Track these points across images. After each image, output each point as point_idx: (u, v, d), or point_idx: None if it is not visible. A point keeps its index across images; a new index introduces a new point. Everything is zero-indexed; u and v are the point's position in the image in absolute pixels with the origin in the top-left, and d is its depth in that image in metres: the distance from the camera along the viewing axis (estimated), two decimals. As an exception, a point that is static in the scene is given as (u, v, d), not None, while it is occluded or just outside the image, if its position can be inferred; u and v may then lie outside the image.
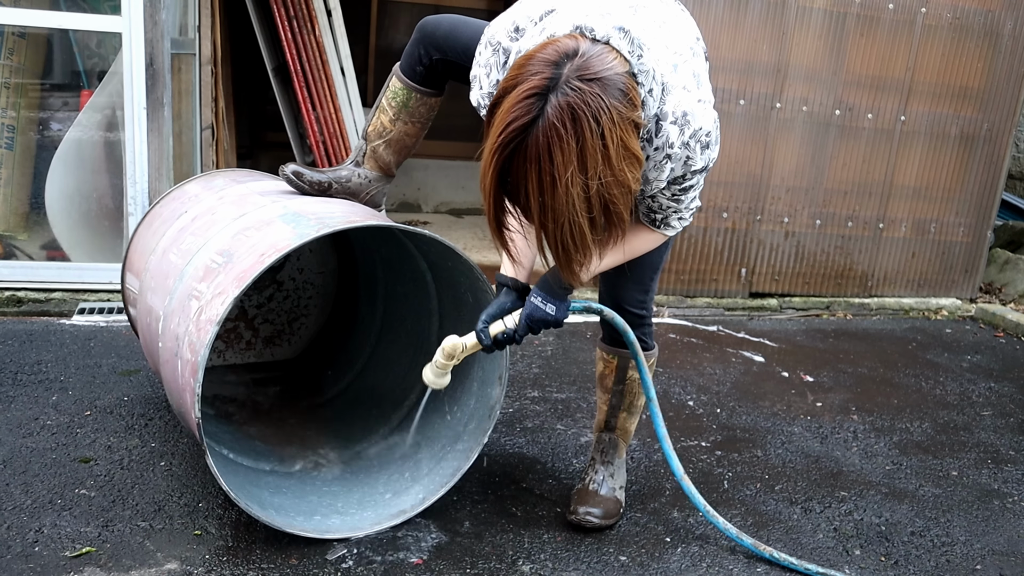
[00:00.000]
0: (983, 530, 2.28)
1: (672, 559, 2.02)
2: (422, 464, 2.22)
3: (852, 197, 4.21)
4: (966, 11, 4.09)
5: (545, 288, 1.78)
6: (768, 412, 2.93)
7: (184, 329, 1.89)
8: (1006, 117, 4.29)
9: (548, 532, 2.09)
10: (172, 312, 1.98)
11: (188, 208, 2.31)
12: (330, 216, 2.01)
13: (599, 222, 1.47)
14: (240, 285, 1.80)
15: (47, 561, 1.81)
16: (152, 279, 2.21)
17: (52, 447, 2.28)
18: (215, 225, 2.12)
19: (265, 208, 2.11)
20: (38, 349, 2.91)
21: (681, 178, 1.75)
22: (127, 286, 2.52)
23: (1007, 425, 2.99)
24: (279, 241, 1.88)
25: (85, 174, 3.49)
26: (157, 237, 2.31)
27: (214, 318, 1.78)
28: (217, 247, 2.00)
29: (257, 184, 2.40)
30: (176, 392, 1.94)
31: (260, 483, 2.11)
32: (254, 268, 1.82)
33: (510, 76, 1.46)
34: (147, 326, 2.23)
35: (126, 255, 2.55)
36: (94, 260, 3.48)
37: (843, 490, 2.43)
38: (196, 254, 2.04)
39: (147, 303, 2.22)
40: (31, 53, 3.53)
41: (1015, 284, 4.60)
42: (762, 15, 3.84)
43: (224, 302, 1.79)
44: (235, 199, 2.25)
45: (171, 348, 1.95)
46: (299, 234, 1.88)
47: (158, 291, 2.13)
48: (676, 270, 4.05)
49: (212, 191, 2.37)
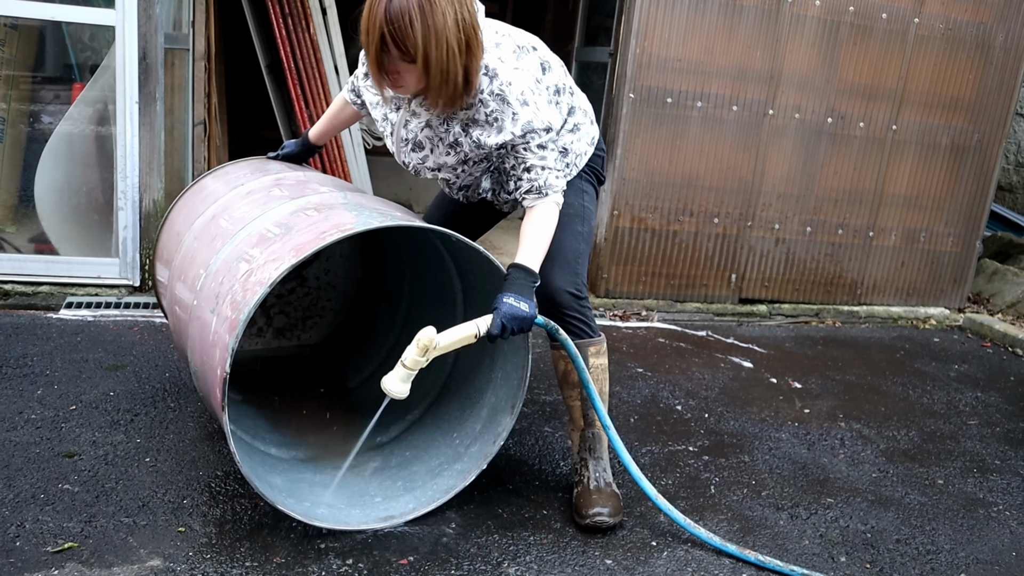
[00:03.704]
0: (968, 538, 2.29)
1: (658, 563, 2.02)
2: (417, 477, 2.21)
3: (843, 205, 4.22)
4: (958, 22, 4.11)
5: (515, 288, 1.90)
6: (756, 418, 2.93)
7: (228, 288, 1.87)
8: (996, 128, 4.31)
9: (534, 534, 2.08)
10: (216, 272, 1.96)
11: (244, 182, 2.32)
12: (391, 214, 2.04)
13: (464, 52, 1.83)
14: (298, 255, 1.79)
15: (28, 556, 1.79)
16: (196, 240, 2.19)
17: (36, 441, 2.26)
18: (272, 201, 2.12)
19: (326, 195, 2.13)
20: (24, 343, 2.88)
21: (531, 134, 1.97)
22: (161, 246, 2.49)
23: (993, 435, 3.00)
24: (343, 223, 1.88)
25: (75, 168, 3.47)
26: (209, 202, 2.30)
27: (265, 280, 1.77)
28: (275, 219, 2.00)
29: (314, 174, 2.44)
30: (201, 348, 1.91)
31: (255, 459, 2.09)
32: (314, 243, 1.81)
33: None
34: (183, 282, 2.20)
35: (170, 212, 2.54)
36: (83, 254, 3.46)
37: (829, 497, 2.43)
38: (250, 223, 2.04)
39: (186, 262, 2.20)
40: (23, 45, 3.51)
41: (1003, 295, 4.63)
42: (756, 22, 3.85)
43: (279, 268, 1.78)
44: (294, 183, 2.27)
45: (207, 305, 1.92)
46: (362, 221, 1.90)
47: (200, 252, 2.12)
48: (666, 274, 4.06)
49: (268, 174, 2.37)
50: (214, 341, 1.84)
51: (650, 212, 3.96)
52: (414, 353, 1.78)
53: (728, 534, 2.18)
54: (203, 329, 1.91)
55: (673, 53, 3.78)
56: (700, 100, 3.88)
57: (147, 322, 3.19)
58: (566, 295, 2.12)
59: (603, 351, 2.21)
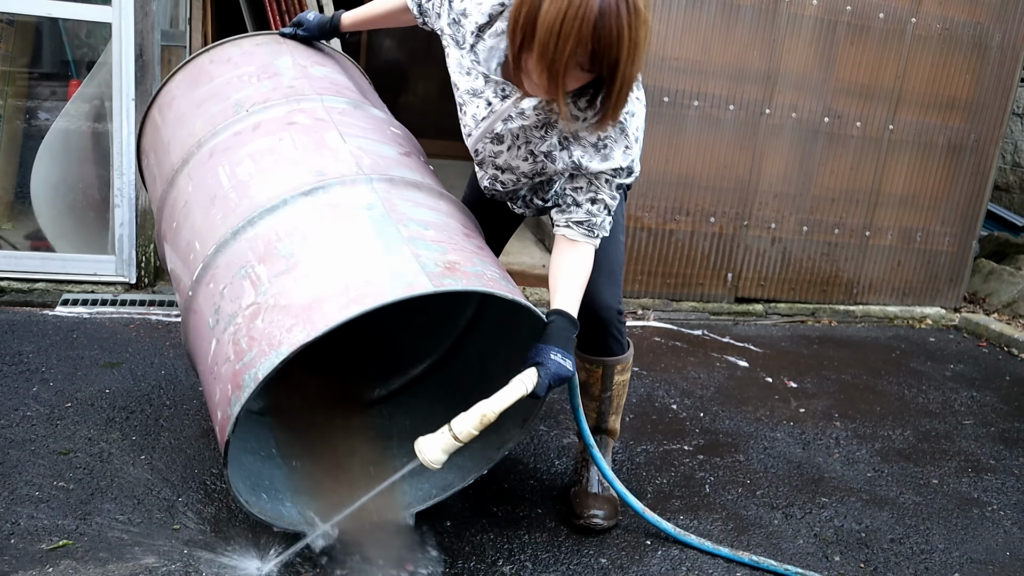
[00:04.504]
0: (962, 538, 2.30)
1: (652, 562, 2.02)
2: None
3: (839, 204, 4.23)
4: (956, 22, 4.11)
5: (560, 342, 1.74)
6: (751, 417, 2.94)
7: (230, 312, 1.63)
8: (993, 128, 4.32)
9: (528, 533, 2.09)
10: (214, 267, 1.72)
11: (251, 99, 1.95)
12: (438, 244, 1.68)
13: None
14: (310, 330, 1.50)
15: (22, 553, 1.80)
16: (190, 181, 1.89)
17: (31, 438, 2.26)
18: (281, 163, 1.79)
19: (345, 166, 1.78)
20: (20, 339, 2.88)
21: (623, 171, 1.84)
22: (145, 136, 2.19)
23: (988, 434, 3.01)
24: (358, 283, 1.55)
25: (72, 164, 3.47)
26: (206, 119, 1.95)
27: (273, 346, 1.51)
28: (285, 218, 1.70)
29: (333, 103, 2.01)
30: (200, 361, 1.73)
31: (260, 480, 1.98)
32: (334, 313, 1.50)
33: None
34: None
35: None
36: (79, 251, 3.45)
37: (824, 496, 2.44)
38: (256, 214, 1.71)
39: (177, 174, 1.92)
40: (20, 41, 3.50)
41: (999, 294, 4.63)
42: (753, 22, 3.85)
43: (289, 343, 1.50)
44: (311, 123, 1.89)
45: (206, 309, 1.70)
46: (392, 271, 1.56)
47: (195, 210, 1.83)
48: (663, 273, 4.06)
49: (279, 87, 1.99)
50: (215, 378, 1.63)
51: (646, 211, 3.96)
52: (471, 426, 1.61)
53: (723, 533, 2.18)
54: (202, 340, 1.73)
55: (670, 52, 3.78)
56: (697, 99, 3.88)
57: (143, 320, 3.18)
58: (613, 312, 2.04)
59: (629, 366, 2.17)
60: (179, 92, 2.15)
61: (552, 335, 1.74)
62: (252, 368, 1.53)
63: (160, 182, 2.03)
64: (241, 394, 1.53)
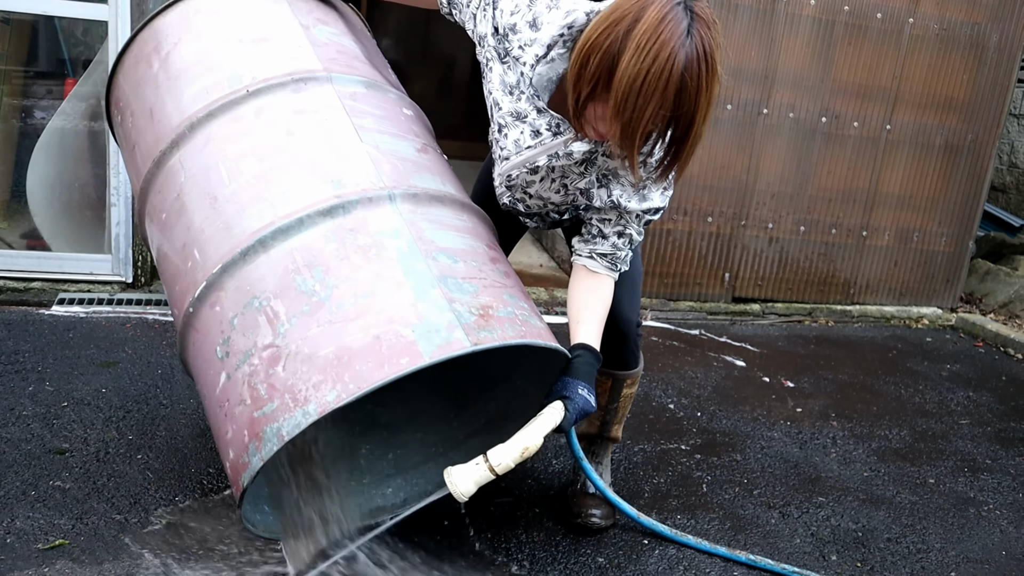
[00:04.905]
0: (958, 537, 2.30)
1: (649, 561, 2.02)
2: (409, 453, 2.02)
3: (836, 204, 4.23)
4: (953, 22, 4.12)
5: (586, 377, 1.73)
6: (748, 417, 2.94)
7: (243, 347, 1.52)
8: (990, 128, 4.32)
9: (526, 532, 2.08)
10: (224, 288, 1.58)
11: (255, 70, 1.75)
12: (469, 283, 1.59)
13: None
14: (344, 392, 1.41)
15: (19, 553, 1.79)
16: (183, 169, 1.72)
17: (27, 438, 2.25)
18: (290, 170, 1.63)
19: (362, 169, 1.64)
20: (16, 339, 2.87)
21: (656, 212, 1.82)
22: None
23: (984, 434, 3.01)
24: (390, 336, 1.45)
25: (68, 163, 3.46)
26: (199, 94, 1.75)
27: (298, 402, 1.42)
28: (303, 243, 1.54)
29: (340, 39, 1.87)
30: (206, 391, 1.62)
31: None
32: (367, 377, 1.41)
33: (625, 7, 1.47)
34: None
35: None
36: (75, 250, 3.44)
37: (821, 495, 2.44)
38: (271, 235, 1.56)
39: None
40: (15, 40, 3.49)
41: (995, 295, 4.64)
42: (751, 21, 3.86)
43: (318, 404, 1.41)
44: (320, 114, 1.72)
45: (211, 336, 1.58)
46: (426, 323, 1.46)
47: (191, 203, 1.67)
48: (660, 273, 4.06)
49: (289, 60, 1.78)
50: (227, 416, 1.54)
51: (644, 210, 3.96)
52: (511, 459, 1.57)
53: (720, 532, 2.18)
54: (206, 366, 1.62)
55: (668, 52, 3.78)
56: (694, 99, 3.87)
57: (140, 319, 3.18)
58: (632, 325, 2.03)
59: (638, 380, 2.17)
60: (164, 45, 1.90)
61: (578, 370, 1.73)
62: (274, 422, 1.45)
63: (142, 156, 1.85)
64: (262, 446, 1.46)
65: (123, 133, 1.98)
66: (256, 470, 1.46)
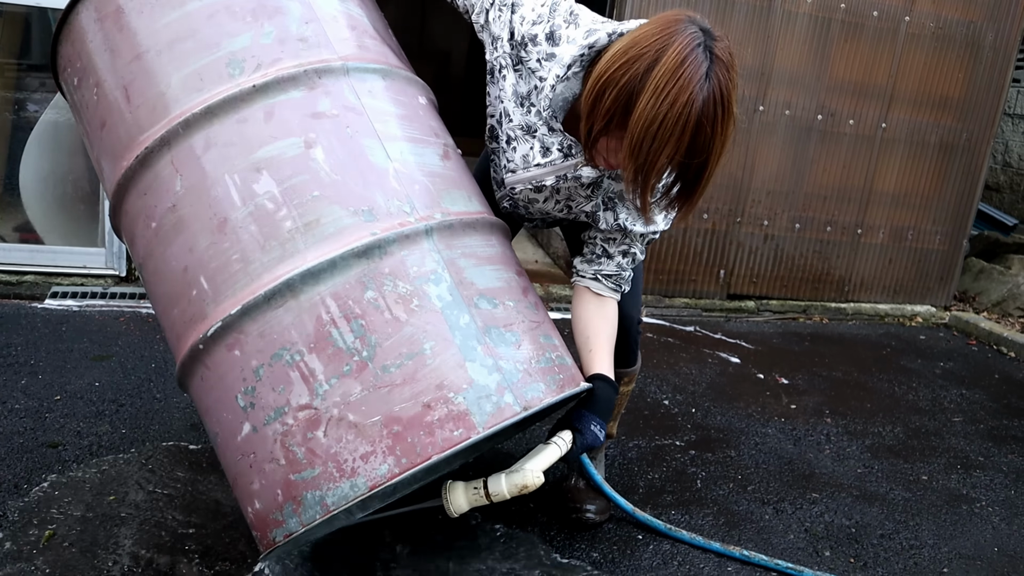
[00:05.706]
0: (951, 534, 2.30)
1: (643, 557, 2.02)
2: None
3: (831, 202, 4.24)
4: (949, 21, 4.13)
5: (602, 412, 1.72)
6: (743, 413, 2.94)
7: (271, 403, 1.43)
8: (985, 127, 4.33)
9: (521, 527, 2.08)
10: (245, 331, 1.45)
11: (258, 59, 1.54)
12: (511, 332, 1.54)
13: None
14: (394, 469, 1.37)
15: (10, 547, 1.78)
16: (181, 173, 1.52)
17: (20, 431, 2.24)
18: (315, 195, 1.46)
19: (393, 193, 1.52)
20: (8, 332, 2.86)
21: (659, 233, 1.83)
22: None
23: (977, 431, 3.02)
24: (439, 404, 1.41)
25: (61, 156, 3.44)
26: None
27: (325, 497, 1.38)
28: (336, 296, 1.43)
29: (348, 8, 1.70)
30: (229, 443, 1.52)
31: None
32: (393, 462, 1.36)
33: (645, 44, 1.44)
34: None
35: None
36: (68, 244, 3.43)
37: (815, 492, 2.44)
38: (299, 278, 1.43)
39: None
40: (8, 32, 3.47)
41: (989, 293, 4.66)
42: (747, 18, 3.86)
43: (351, 490, 1.37)
44: (341, 120, 1.54)
45: (228, 383, 1.48)
46: (476, 388, 1.43)
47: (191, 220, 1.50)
48: (655, 270, 4.06)
49: (295, 50, 1.57)
50: (252, 467, 1.46)
51: (639, 207, 3.96)
52: (507, 491, 1.59)
53: (714, 528, 2.19)
54: (222, 409, 1.51)
55: (664, 48, 3.78)
56: (690, 96, 3.87)
57: (133, 313, 3.16)
58: (634, 323, 2.02)
59: (635, 378, 2.17)
60: (140, 2, 1.59)
61: (597, 403, 1.72)
62: (316, 489, 1.39)
63: (118, 142, 1.60)
64: (301, 511, 1.40)
65: (82, 101, 1.71)
66: (295, 534, 1.41)
